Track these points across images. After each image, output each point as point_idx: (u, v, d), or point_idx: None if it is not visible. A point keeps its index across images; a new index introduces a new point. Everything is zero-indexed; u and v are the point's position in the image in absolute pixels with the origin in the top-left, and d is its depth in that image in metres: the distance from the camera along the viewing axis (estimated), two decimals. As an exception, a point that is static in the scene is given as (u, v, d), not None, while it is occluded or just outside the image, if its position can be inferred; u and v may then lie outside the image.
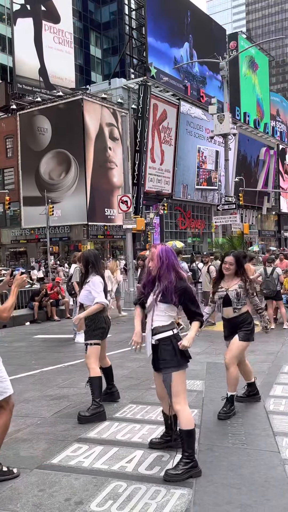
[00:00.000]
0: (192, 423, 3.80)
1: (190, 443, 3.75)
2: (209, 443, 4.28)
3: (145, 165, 41.49)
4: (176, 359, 3.81)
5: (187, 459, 3.68)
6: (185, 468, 3.63)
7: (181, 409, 3.76)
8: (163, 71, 45.92)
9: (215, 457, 3.99)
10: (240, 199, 40.34)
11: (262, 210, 64.98)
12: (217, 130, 22.21)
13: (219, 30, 60.10)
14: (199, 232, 52.61)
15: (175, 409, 3.77)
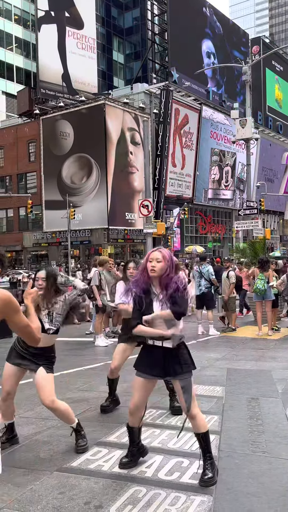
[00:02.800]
0: (206, 425, 3.80)
1: (209, 445, 3.75)
2: (230, 450, 4.24)
3: (166, 169, 41.52)
4: (192, 362, 3.73)
5: (210, 460, 3.68)
6: (213, 469, 3.65)
7: (198, 413, 3.72)
8: (185, 76, 45.96)
9: (235, 464, 3.95)
10: (261, 204, 40.09)
11: (284, 215, 64.34)
12: (239, 135, 22.11)
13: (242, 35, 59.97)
14: (220, 237, 52.34)
15: (194, 413, 3.65)
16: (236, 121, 22.30)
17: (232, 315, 11.63)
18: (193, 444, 4.41)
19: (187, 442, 4.46)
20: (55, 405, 4.18)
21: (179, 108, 43.10)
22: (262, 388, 6.30)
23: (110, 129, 39.02)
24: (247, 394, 6.00)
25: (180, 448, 4.33)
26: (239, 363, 7.98)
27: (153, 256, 3.59)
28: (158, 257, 3.57)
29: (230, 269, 11.80)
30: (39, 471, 3.90)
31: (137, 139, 40.75)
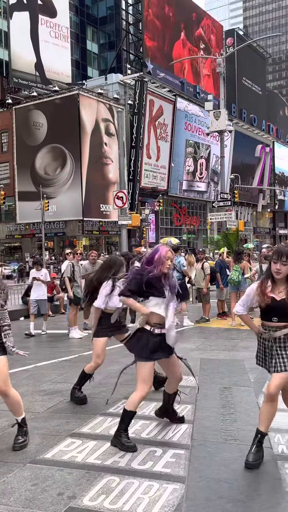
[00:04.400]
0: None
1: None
2: (202, 438, 4.30)
3: (141, 161, 41.43)
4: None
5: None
6: None
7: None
8: (160, 67, 45.82)
9: (207, 452, 4.01)
10: (235, 196, 40.46)
11: (257, 208, 65.10)
12: (213, 127, 22.20)
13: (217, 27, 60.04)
14: (194, 229, 52.64)
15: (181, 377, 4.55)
16: (210, 113, 22.38)
17: (206, 306, 11.74)
18: (166, 433, 4.46)
19: (160, 432, 4.51)
20: (9, 390, 4.16)
21: (154, 100, 42.98)
22: (235, 378, 6.40)
23: (84, 119, 38.67)
24: (220, 384, 6.09)
25: (153, 437, 4.38)
26: (213, 353, 8.08)
27: (170, 256, 4.22)
28: (172, 257, 4.27)
29: (204, 261, 11.89)
30: (12, 463, 3.89)
31: (112, 130, 40.52)
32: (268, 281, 3.81)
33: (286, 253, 3.72)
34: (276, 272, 3.74)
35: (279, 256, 3.73)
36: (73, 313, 10.27)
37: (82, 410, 5.24)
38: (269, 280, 3.81)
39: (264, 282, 3.83)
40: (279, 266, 3.72)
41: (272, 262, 3.80)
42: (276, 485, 3.45)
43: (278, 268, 3.72)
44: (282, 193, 71.82)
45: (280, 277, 3.75)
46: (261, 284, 3.84)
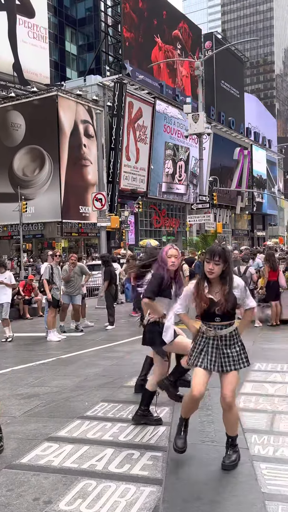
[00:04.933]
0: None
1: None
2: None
3: (120, 163, 41.40)
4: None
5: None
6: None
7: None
8: (139, 69, 45.91)
9: (185, 454, 4.01)
10: (214, 199, 40.73)
11: (235, 210, 65.68)
12: (191, 129, 22.29)
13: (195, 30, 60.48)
14: (174, 231, 52.83)
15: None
16: (189, 116, 22.46)
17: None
18: (143, 436, 4.46)
19: (137, 434, 4.50)
20: None
21: (133, 102, 43.01)
22: (212, 379, 6.41)
23: (63, 121, 38.47)
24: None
25: (131, 440, 4.37)
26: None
27: (171, 253, 4.40)
28: (176, 254, 4.42)
29: (183, 263, 11.94)
30: (-12, 469, 3.83)
31: (91, 131, 40.40)
32: (204, 282, 3.75)
33: (218, 252, 3.67)
34: (209, 272, 3.69)
35: (211, 255, 3.69)
36: (51, 316, 10.19)
37: (59, 413, 5.20)
38: (205, 281, 3.75)
39: (201, 283, 3.76)
40: (212, 265, 3.68)
41: (205, 262, 3.75)
42: (252, 485, 3.47)
43: (211, 267, 3.68)
44: (259, 196, 72.64)
45: (213, 276, 3.70)
46: (197, 286, 3.76)
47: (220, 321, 3.74)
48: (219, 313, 3.72)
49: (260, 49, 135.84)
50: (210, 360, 3.76)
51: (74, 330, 11.18)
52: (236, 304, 3.82)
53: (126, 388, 6.11)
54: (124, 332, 10.84)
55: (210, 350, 3.77)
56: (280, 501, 3.24)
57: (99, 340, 9.89)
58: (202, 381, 3.77)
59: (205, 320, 3.80)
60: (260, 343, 8.93)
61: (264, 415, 4.91)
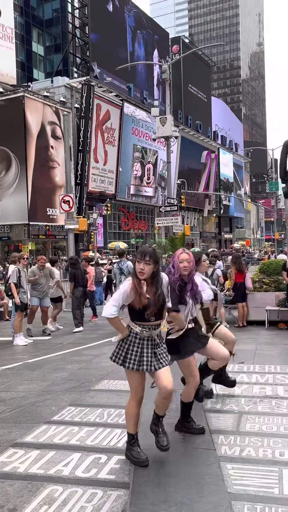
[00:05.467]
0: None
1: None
2: (147, 443, 4.28)
3: (88, 165, 41.21)
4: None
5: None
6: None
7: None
8: (106, 72, 45.84)
9: (153, 456, 4.01)
10: (182, 201, 41.05)
11: (203, 212, 66.34)
12: (159, 132, 22.42)
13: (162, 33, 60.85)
14: (142, 233, 52.94)
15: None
16: (156, 119, 22.59)
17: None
18: (111, 440, 4.43)
19: (105, 438, 4.48)
20: None
21: (101, 104, 42.90)
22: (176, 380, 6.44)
23: (30, 122, 38.01)
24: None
25: (98, 444, 4.34)
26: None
27: (183, 257, 4.35)
28: (187, 258, 4.36)
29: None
30: None
31: (58, 133, 40.05)
32: (138, 281, 3.76)
33: (149, 252, 3.72)
34: (140, 272, 3.73)
35: (142, 255, 3.72)
36: (18, 320, 10.05)
37: (25, 419, 5.12)
38: (139, 280, 3.76)
39: (136, 282, 3.76)
40: (143, 265, 3.72)
41: (136, 262, 3.78)
42: (219, 486, 3.49)
43: (142, 267, 3.71)
44: (227, 199, 73.61)
45: (144, 276, 3.74)
46: (134, 285, 3.75)
47: (154, 320, 3.81)
48: (152, 314, 3.78)
49: (227, 54, 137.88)
50: (147, 361, 3.82)
51: (42, 333, 11.05)
52: (165, 303, 3.91)
53: (93, 391, 6.07)
54: (92, 335, 10.78)
55: (145, 351, 3.83)
56: (246, 500, 3.27)
57: (66, 344, 9.80)
58: (142, 386, 3.95)
59: (138, 320, 3.82)
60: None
61: (231, 416, 4.97)
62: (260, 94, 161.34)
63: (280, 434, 4.46)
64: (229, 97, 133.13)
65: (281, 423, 4.74)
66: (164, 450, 3.92)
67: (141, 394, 3.97)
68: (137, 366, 3.81)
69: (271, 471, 3.70)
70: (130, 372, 3.88)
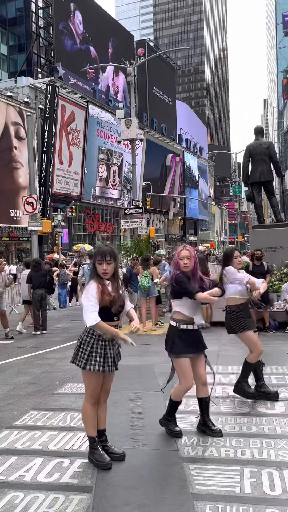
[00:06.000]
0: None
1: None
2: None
3: (53, 166, 40.83)
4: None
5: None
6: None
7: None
8: (71, 73, 45.58)
9: (116, 459, 3.99)
10: (147, 204, 41.18)
11: (168, 215, 66.76)
12: (124, 135, 22.43)
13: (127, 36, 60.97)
14: (108, 235, 52.81)
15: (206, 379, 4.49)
16: (121, 121, 22.59)
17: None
18: (74, 443, 4.39)
19: (68, 442, 4.43)
20: None
21: (66, 105, 42.61)
22: (145, 383, 6.47)
23: (-7, 122, 37.38)
24: (130, 390, 6.12)
25: (61, 448, 4.29)
26: (124, 359, 8.09)
27: (183, 254, 4.31)
28: (188, 255, 4.31)
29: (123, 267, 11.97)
30: None
31: (22, 133, 39.51)
32: (102, 281, 3.76)
33: (109, 252, 3.73)
34: (104, 273, 3.73)
35: (103, 256, 3.71)
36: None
37: (-14, 424, 5.01)
38: (102, 281, 3.76)
39: (101, 282, 3.74)
40: (105, 266, 3.72)
41: (96, 264, 3.75)
42: (181, 487, 3.51)
43: (105, 268, 3.72)
44: (191, 201, 74.32)
45: (108, 276, 3.75)
46: (98, 285, 3.73)
47: (117, 320, 3.84)
48: (116, 312, 3.81)
49: (191, 59, 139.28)
50: (111, 362, 3.87)
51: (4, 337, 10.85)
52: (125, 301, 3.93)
53: (57, 395, 6.00)
54: (56, 338, 10.66)
55: (109, 353, 3.86)
56: (208, 500, 3.30)
57: (29, 348, 9.66)
58: (100, 387, 3.96)
59: (103, 319, 3.77)
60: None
61: (194, 417, 5.00)
62: (224, 99, 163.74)
63: (242, 433, 4.52)
64: (193, 101, 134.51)
65: (243, 423, 4.81)
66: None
67: (98, 396, 3.97)
68: (102, 367, 3.81)
69: (233, 470, 3.75)
70: (90, 374, 3.86)
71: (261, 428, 4.65)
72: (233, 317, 5.42)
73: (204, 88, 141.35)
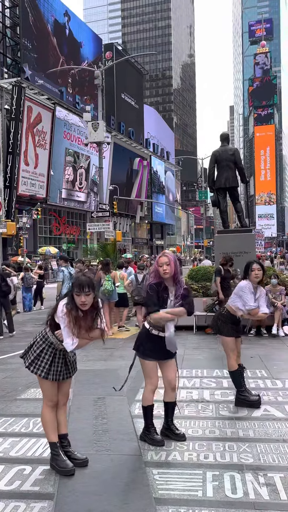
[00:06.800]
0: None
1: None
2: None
3: (18, 167, 40.23)
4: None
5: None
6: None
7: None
8: (38, 74, 45.15)
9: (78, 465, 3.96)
10: (114, 207, 41.13)
11: (135, 219, 66.87)
12: (91, 137, 22.37)
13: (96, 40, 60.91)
14: (74, 238, 52.43)
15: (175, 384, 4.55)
16: (89, 124, 22.52)
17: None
18: (36, 450, 4.33)
19: (30, 448, 4.37)
20: None
21: (32, 106, 42.10)
22: (109, 388, 6.43)
23: None
24: (94, 394, 6.09)
25: (22, 455, 4.22)
26: (88, 363, 8.06)
27: (162, 261, 4.27)
28: (167, 261, 4.26)
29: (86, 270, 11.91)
30: None
31: (-13, 134, 38.82)
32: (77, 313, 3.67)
33: (87, 283, 3.66)
34: (82, 305, 3.65)
35: (80, 288, 3.62)
36: None
37: None
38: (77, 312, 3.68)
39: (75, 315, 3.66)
40: (84, 298, 3.64)
41: (74, 295, 3.67)
42: (144, 492, 3.51)
43: (83, 300, 3.65)
44: (158, 205, 74.69)
45: (87, 308, 3.69)
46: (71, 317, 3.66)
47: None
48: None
49: (159, 64, 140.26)
50: (57, 371, 3.87)
51: None
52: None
53: (20, 401, 5.91)
54: (20, 343, 10.49)
55: (57, 361, 3.87)
56: (170, 504, 3.31)
57: (-8, 352, 9.48)
58: (56, 391, 3.96)
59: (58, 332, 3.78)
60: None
61: (158, 421, 5.00)
62: (191, 104, 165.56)
63: (205, 437, 4.56)
64: (161, 106, 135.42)
65: (206, 426, 4.85)
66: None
67: (55, 400, 3.95)
68: (45, 374, 3.83)
69: (196, 474, 3.77)
70: (41, 379, 3.88)
71: (224, 431, 4.70)
72: (224, 320, 5.48)
73: (172, 93, 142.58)
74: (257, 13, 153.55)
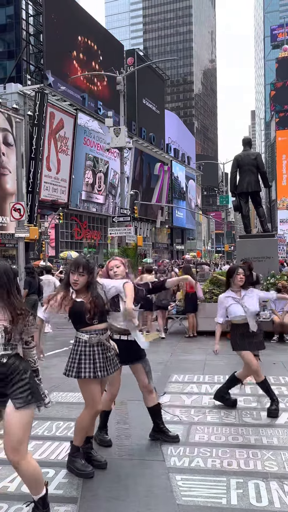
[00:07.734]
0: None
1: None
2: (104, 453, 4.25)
3: (41, 173, 40.72)
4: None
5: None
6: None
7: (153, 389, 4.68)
8: (60, 80, 45.65)
9: (101, 470, 3.96)
10: (135, 212, 41.24)
11: (156, 223, 66.90)
12: (113, 143, 22.51)
13: (117, 46, 61.37)
14: (95, 243, 52.71)
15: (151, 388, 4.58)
16: (111, 129, 22.68)
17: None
18: (59, 453, 4.34)
19: (53, 451, 4.39)
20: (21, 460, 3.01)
21: (55, 112, 42.62)
22: (130, 392, 6.42)
23: (-19, 128, 37.24)
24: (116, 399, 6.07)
25: (46, 458, 4.23)
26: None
27: (111, 264, 4.39)
28: (116, 263, 4.39)
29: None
30: None
31: (10, 140, 39.37)
32: (66, 291, 3.82)
33: (82, 264, 3.78)
34: (74, 283, 3.78)
35: (76, 267, 3.77)
36: None
37: None
38: (70, 289, 3.82)
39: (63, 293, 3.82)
40: (77, 277, 3.76)
41: (70, 273, 3.82)
42: (168, 497, 3.49)
43: (76, 279, 3.76)
44: (178, 210, 74.59)
45: (78, 287, 3.79)
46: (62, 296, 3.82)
47: (98, 324, 3.84)
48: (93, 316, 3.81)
49: (180, 69, 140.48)
50: (100, 367, 3.85)
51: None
52: (105, 306, 3.95)
53: (42, 404, 5.93)
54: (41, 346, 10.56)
55: (97, 358, 3.86)
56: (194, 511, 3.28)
57: None
58: (100, 396, 3.97)
59: (84, 327, 3.84)
60: (177, 354, 9.10)
61: (181, 427, 4.98)
62: (212, 109, 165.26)
63: (228, 444, 4.52)
64: (182, 111, 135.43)
65: (229, 433, 4.80)
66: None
67: (98, 406, 3.91)
68: (93, 373, 3.80)
69: (219, 481, 3.73)
70: (85, 382, 3.84)
71: (247, 438, 4.65)
72: (238, 333, 5.56)
73: (193, 98, 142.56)
74: (279, 17, 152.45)
